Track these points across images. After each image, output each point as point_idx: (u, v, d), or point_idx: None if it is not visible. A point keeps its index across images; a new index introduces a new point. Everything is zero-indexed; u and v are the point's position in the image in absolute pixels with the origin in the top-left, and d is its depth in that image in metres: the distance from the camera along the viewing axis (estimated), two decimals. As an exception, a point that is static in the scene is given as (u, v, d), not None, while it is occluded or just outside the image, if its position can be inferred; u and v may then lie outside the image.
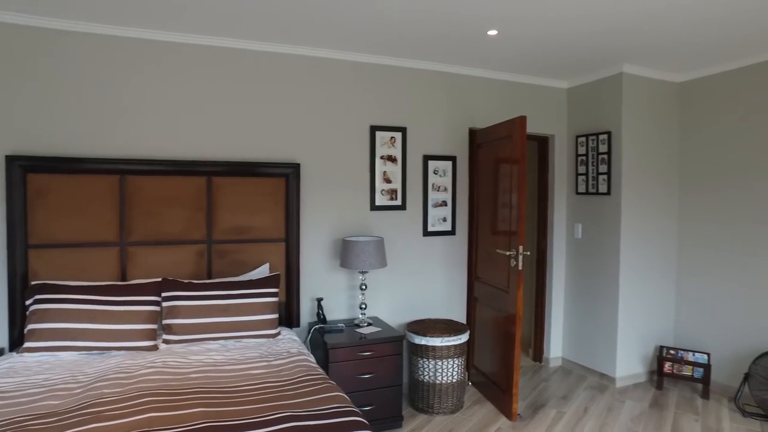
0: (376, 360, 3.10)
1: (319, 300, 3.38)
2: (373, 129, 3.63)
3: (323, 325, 3.27)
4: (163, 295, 2.83)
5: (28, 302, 2.65)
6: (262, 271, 3.24)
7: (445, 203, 3.90)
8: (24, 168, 2.76)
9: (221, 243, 3.20)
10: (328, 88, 3.52)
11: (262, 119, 3.34)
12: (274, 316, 2.98)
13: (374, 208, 3.66)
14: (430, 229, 3.85)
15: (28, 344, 2.52)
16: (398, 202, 3.73)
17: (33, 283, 2.74)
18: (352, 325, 3.39)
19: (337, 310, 3.59)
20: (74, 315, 2.58)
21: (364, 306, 3.39)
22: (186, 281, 2.91)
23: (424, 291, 3.88)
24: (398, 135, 3.70)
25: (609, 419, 3.36)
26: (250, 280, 3.01)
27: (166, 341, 2.76)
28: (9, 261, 2.73)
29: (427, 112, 3.83)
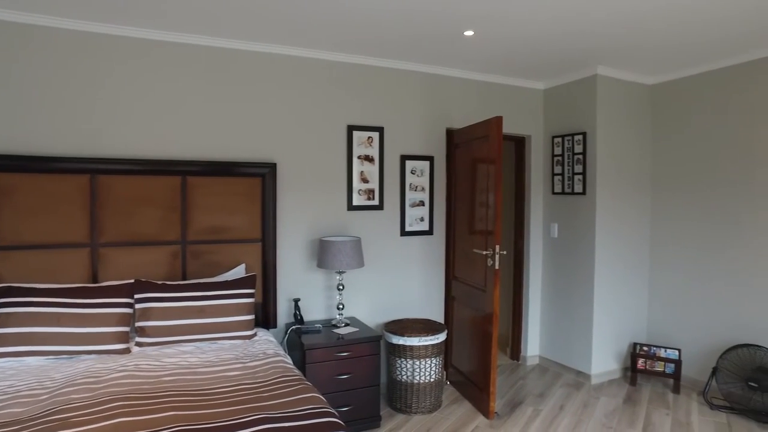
0: (353, 360, 3.09)
1: (297, 301, 3.36)
2: (351, 129, 3.62)
3: (300, 326, 3.25)
4: (135, 296, 2.77)
5: (-6, 306, 2.56)
6: (238, 272, 3.20)
7: (422, 203, 3.91)
8: (-11, 167, 2.68)
9: (196, 243, 3.15)
10: (305, 87, 3.49)
11: (238, 118, 3.31)
12: (250, 318, 2.95)
13: (351, 208, 3.65)
14: (407, 228, 3.85)
15: (-8, 349, 2.45)
16: (375, 202, 3.73)
17: (-2, 285, 2.66)
18: (329, 325, 3.37)
19: (314, 311, 3.57)
20: (41, 318, 2.50)
21: (341, 306, 3.37)
22: (160, 282, 2.85)
23: (402, 291, 3.88)
24: (375, 135, 3.70)
25: (584, 416, 3.41)
26: (226, 281, 2.97)
27: (139, 344, 2.70)
28: (-27, 263, 2.65)
29: (405, 112, 3.84)
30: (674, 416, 3.41)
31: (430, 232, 3.96)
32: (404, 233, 3.85)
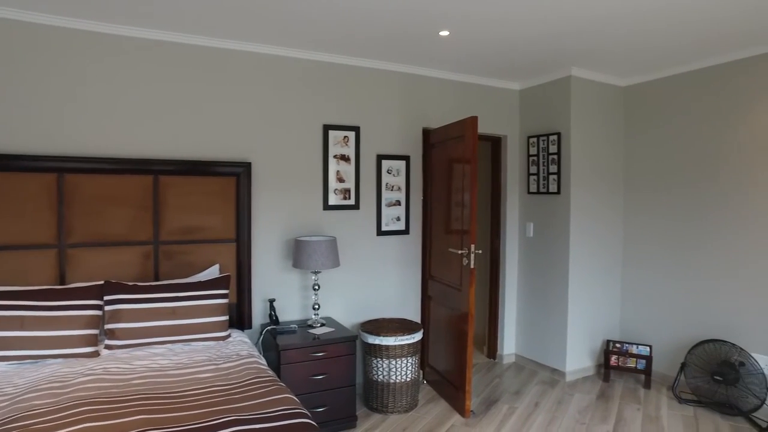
0: (329, 361, 3.08)
1: (272, 301, 3.33)
2: (327, 128, 3.60)
3: (275, 327, 3.22)
4: (105, 298, 2.71)
5: (-46, 309, 2.48)
6: (212, 272, 3.16)
7: (398, 203, 3.91)
8: (-50, 166, 2.59)
9: (169, 244, 3.10)
10: (281, 86, 3.46)
11: (212, 117, 3.26)
12: (224, 318, 2.91)
13: (327, 207, 3.63)
14: (383, 228, 3.85)
15: (-47, 355, 2.37)
16: (352, 202, 3.72)
17: (-40, 288, 2.57)
18: (305, 325, 3.35)
19: (290, 311, 3.54)
20: (2, 322, 2.42)
21: (317, 306, 3.36)
22: (131, 284, 2.80)
23: (378, 290, 3.88)
24: (351, 134, 3.69)
25: (558, 412, 3.46)
26: (199, 282, 2.92)
27: (108, 347, 2.64)
28: (-67, 265, 2.56)
29: (381, 111, 3.83)
30: (645, 411, 3.48)
31: (406, 232, 3.96)
32: (380, 233, 3.85)
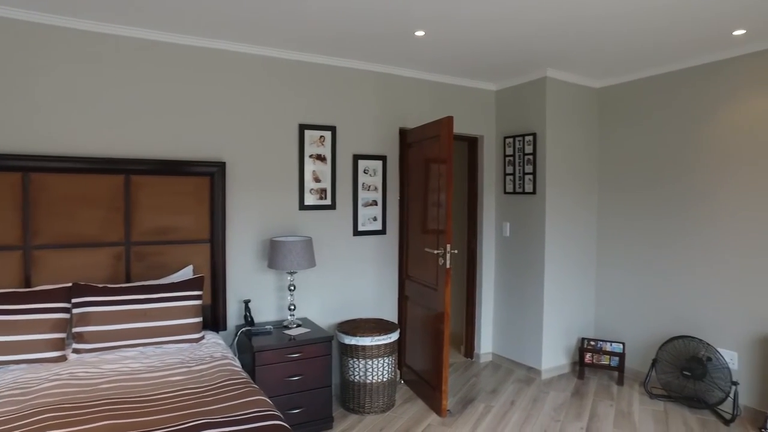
0: (304, 362, 3.06)
1: (247, 302, 3.29)
2: (302, 127, 3.58)
3: (250, 328, 3.19)
4: (73, 301, 2.64)
5: None
6: (186, 274, 3.11)
7: (375, 202, 3.91)
8: None
9: (141, 245, 3.04)
10: (256, 85, 3.43)
11: (186, 116, 3.21)
12: (198, 320, 2.87)
13: (303, 207, 3.60)
14: (360, 228, 3.84)
15: None
16: (328, 202, 3.70)
17: None
18: (280, 326, 3.32)
19: (265, 312, 3.51)
20: (-35, 326, 2.36)
21: (293, 307, 3.33)
22: (101, 286, 2.73)
23: (355, 291, 3.87)
24: (328, 134, 3.67)
25: (534, 410, 3.49)
26: (172, 283, 2.88)
27: (76, 351, 2.58)
28: None
29: (357, 111, 3.82)
30: (617, 407, 3.54)
31: (383, 232, 3.96)
32: (357, 233, 3.84)
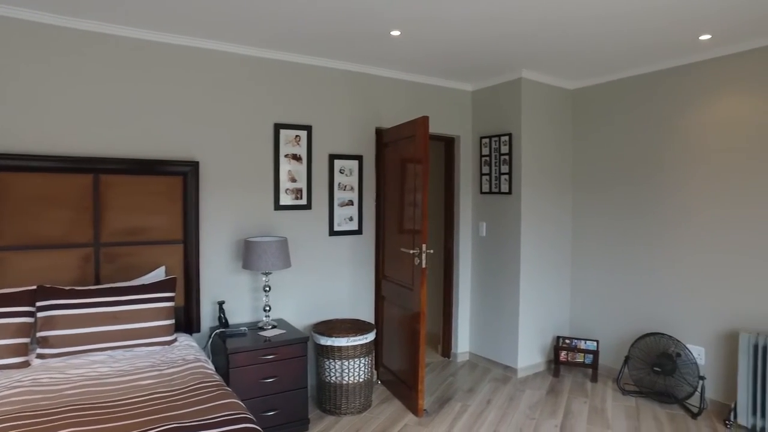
0: (280, 363, 3.03)
1: (221, 303, 3.24)
2: (278, 127, 3.54)
3: (225, 330, 3.14)
4: (38, 304, 2.56)
5: None
6: (158, 275, 3.04)
7: (351, 202, 3.89)
8: None
9: (111, 246, 2.97)
10: (230, 84, 3.38)
11: (158, 115, 3.14)
12: (170, 322, 2.81)
13: (278, 207, 3.57)
14: (336, 228, 3.82)
15: None
16: (303, 202, 3.67)
17: None
18: (255, 328, 3.28)
19: (240, 314, 3.46)
20: None
21: (268, 308, 3.29)
22: (67, 288, 2.66)
23: (331, 291, 3.85)
24: (303, 133, 3.64)
25: (509, 409, 3.52)
26: (143, 285, 2.81)
27: (40, 356, 2.50)
28: None
29: (333, 110, 3.80)
30: (591, 403, 3.59)
31: (359, 232, 3.94)
32: (333, 233, 3.81)
